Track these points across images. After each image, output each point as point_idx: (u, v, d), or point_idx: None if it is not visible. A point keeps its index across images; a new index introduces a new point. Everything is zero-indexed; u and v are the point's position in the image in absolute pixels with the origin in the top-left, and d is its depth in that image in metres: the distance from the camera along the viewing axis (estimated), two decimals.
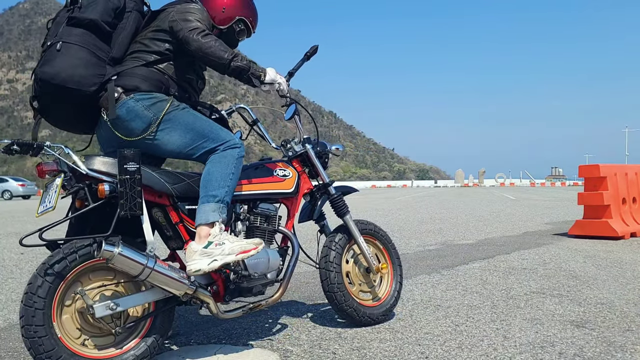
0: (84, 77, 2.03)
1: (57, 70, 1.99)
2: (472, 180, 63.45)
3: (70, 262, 1.83)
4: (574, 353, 2.20)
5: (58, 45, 2.02)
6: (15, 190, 29.50)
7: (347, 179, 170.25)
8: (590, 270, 4.14)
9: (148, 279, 1.91)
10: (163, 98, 2.17)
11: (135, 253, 1.88)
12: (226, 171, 2.15)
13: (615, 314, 2.82)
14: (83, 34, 2.06)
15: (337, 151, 2.78)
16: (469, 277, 3.94)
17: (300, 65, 2.63)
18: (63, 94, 2.02)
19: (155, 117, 2.12)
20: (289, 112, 2.59)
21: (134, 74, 2.15)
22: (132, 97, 2.10)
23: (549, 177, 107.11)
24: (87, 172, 1.90)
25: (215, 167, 2.15)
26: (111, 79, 2.10)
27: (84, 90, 2.04)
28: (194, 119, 2.21)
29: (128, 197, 1.84)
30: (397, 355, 2.20)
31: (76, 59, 2.02)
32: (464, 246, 5.75)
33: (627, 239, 6.20)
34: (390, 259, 2.80)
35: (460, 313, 2.87)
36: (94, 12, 2.09)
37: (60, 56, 2.00)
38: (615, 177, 6.49)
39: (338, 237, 2.58)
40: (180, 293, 2.00)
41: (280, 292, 2.33)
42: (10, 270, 4.56)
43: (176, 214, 2.12)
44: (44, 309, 1.77)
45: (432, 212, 11.91)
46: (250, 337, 2.49)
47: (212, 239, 2.05)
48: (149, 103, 2.12)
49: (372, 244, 2.75)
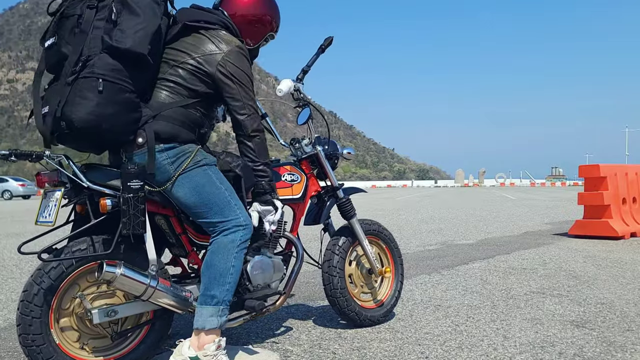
0: (126, 123, 1.79)
1: (98, 120, 1.71)
2: (472, 180, 63.46)
3: (67, 268, 1.79)
4: (574, 353, 2.20)
5: (99, 84, 1.70)
6: (16, 190, 29.49)
7: (347, 179, 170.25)
8: (590, 270, 4.14)
9: (151, 299, 1.86)
10: (187, 150, 1.93)
11: (138, 273, 1.83)
12: (226, 265, 1.93)
13: (615, 314, 2.82)
14: (124, 68, 1.75)
15: (349, 155, 2.72)
16: (469, 277, 3.94)
17: (315, 59, 2.54)
18: (95, 138, 1.79)
19: (176, 173, 1.90)
20: (304, 116, 2.49)
21: (169, 118, 1.90)
22: (160, 147, 1.87)
23: (549, 177, 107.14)
24: (89, 185, 1.80)
25: (214, 259, 1.94)
26: (148, 121, 1.85)
27: (124, 139, 1.83)
28: (206, 183, 1.94)
29: (131, 216, 1.75)
30: (397, 355, 2.20)
31: (117, 102, 1.74)
32: (464, 246, 5.75)
33: (627, 239, 6.21)
34: (393, 260, 2.78)
35: (460, 313, 2.87)
36: (139, 42, 1.75)
37: (101, 99, 1.71)
38: (616, 177, 6.50)
39: (342, 241, 2.54)
40: (182, 311, 1.97)
41: (282, 298, 2.29)
42: (10, 270, 4.56)
43: (179, 225, 2.06)
44: (40, 317, 1.74)
45: (432, 212, 11.90)
46: (251, 337, 2.49)
47: (203, 357, 1.87)
48: (173, 155, 1.90)
49: (375, 243, 2.73)
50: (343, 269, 2.51)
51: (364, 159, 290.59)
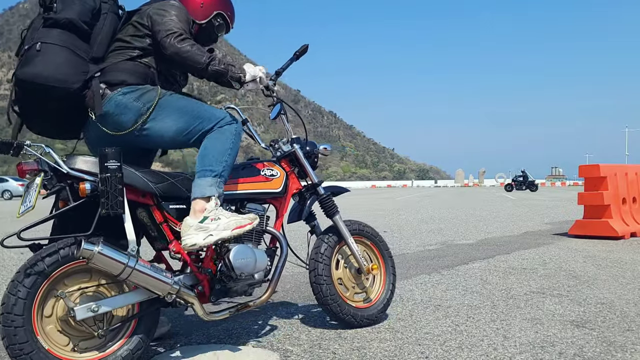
0: (67, 75, 1.99)
1: (39, 70, 1.94)
2: (472, 180, 63.45)
3: (41, 273, 1.77)
4: (574, 353, 2.20)
5: (37, 45, 1.96)
6: (15, 190, 29.49)
7: (347, 179, 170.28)
8: (590, 270, 4.14)
9: (129, 278, 1.86)
10: (151, 88, 2.14)
11: (116, 252, 1.84)
12: (224, 146, 2.13)
13: (615, 314, 2.82)
14: (61, 33, 2.02)
15: (325, 151, 2.73)
16: (469, 277, 3.94)
17: (289, 64, 2.59)
18: (46, 94, 1.98)
19: (145, 107, 2.08)
20: (274, 112, 2.58)
21: (118, 68, 2.12)
22: (119, 91, 2.07)
23: (549, 177, 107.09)
24: (68, 171, 1.87)
25: (212, 143, 2.13)
26: (95, 75, 2.06)
27: (68, 87, 2.00)
28: (186, 102, 2.18)
29: (109, 195, 1.80)
30: (397, 355, 2.20)
31: (58, 57, 1.98)
32: (464, 246, 5.75)
33: (627, 239, 6.21)
34: (381, 255, 2.76)
35: (460, 313, 2.87)
36: (71, 12, 2.04)
37: (41, 56, 1.95)
38: (616, 177, 6.50)
39: (324, 247, 2.51)
40: (163, 293, 1.95)
41: (268, 293, 2.29)
42: (10, 270, 4.56)
43: (160, 213, 2.08)
44: (24, 325, 1.72)
45: (432, 212, 11.91)
46: (251, 337, 2.49)
47: (208, 213, 2.03)
48: (137, 95, 2.09)
49: (360, 242, 2.70)
50: (329, 275, 2.48)
51: (364, 159, 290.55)
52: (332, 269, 2.53)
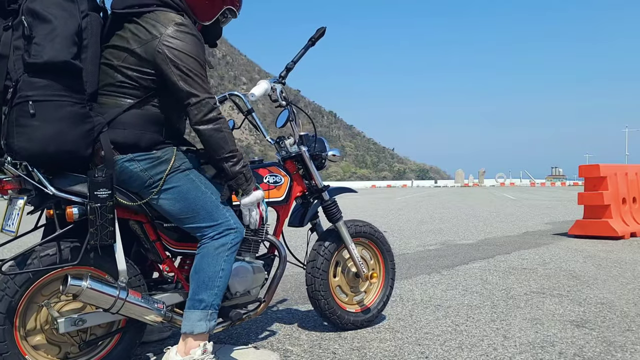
0: (76, 139, 1.66)
1: (42, 145, 1.60)
2: (472, 180, 63.46)
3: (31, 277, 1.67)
4: (574, 353, 2.20)
5: (29, 107, 1.57)
6: None
7: (347, 179, 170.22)
8: (590, 270, 4.14)
9: (120, 311, 1.76)
10: (163, 158, 1.83)
11: (106, 285, 1.73)
12: (215, 268, 1.88)
13: (615, 314, 2.82)
14: (53, 82, 1.61)
15: (334, 157, 2.61)
16: (469, 277, 3.94)
17: (304, 52, 2.40)
18: (50, 163, 1.68)
19: (153, 180, 1.82)
20: (282, 119, 2.39)
21: (126, 124, 1.78)
22: (126, 157, 1.78)
23: (549, 177, 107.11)
24: (55, 192, 1.68)
25: (203, 263, 1.88)
26: (103, 130, 1.74)
27: (81, 155, 1.70)
28: (190, 189, 1.88)
29: (98, 227, 1.66)
30: (397, 355, 2.21)
31: (58, 120, 1.61)
32: (464, 246, 5.75)
33: (627, 239, 6.20)
34: (384, 264, 2.69)
35: (460, 313, 2.87)
36: (57, 49, 1.60)
37: (38, 121, 1.59)
38: (615, 177, 6.50)
39: (328, 243, 2.46)
40: (155, 323, 1.88)
41: (263, 305, 2.20)
42: None
43: (153, 231, 1.96)
44: (8, 350, 1.65)
45: (432, 212, 11.91)
46: (250, 337, 2.49)
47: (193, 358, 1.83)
48: (145, 165, 1.81)
49: (366, 245, 2.64)
50: (327, 270, 2.44)
51: (363, 159, 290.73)
52: (330, 275, 2.49)
